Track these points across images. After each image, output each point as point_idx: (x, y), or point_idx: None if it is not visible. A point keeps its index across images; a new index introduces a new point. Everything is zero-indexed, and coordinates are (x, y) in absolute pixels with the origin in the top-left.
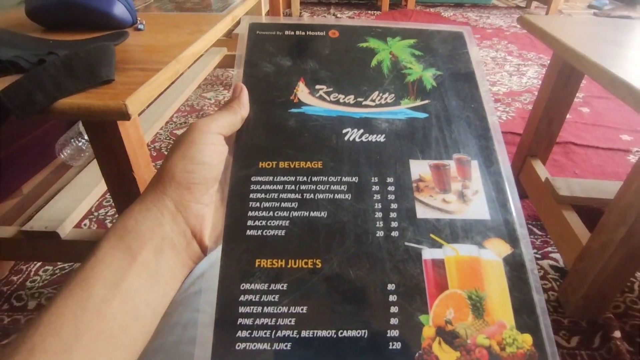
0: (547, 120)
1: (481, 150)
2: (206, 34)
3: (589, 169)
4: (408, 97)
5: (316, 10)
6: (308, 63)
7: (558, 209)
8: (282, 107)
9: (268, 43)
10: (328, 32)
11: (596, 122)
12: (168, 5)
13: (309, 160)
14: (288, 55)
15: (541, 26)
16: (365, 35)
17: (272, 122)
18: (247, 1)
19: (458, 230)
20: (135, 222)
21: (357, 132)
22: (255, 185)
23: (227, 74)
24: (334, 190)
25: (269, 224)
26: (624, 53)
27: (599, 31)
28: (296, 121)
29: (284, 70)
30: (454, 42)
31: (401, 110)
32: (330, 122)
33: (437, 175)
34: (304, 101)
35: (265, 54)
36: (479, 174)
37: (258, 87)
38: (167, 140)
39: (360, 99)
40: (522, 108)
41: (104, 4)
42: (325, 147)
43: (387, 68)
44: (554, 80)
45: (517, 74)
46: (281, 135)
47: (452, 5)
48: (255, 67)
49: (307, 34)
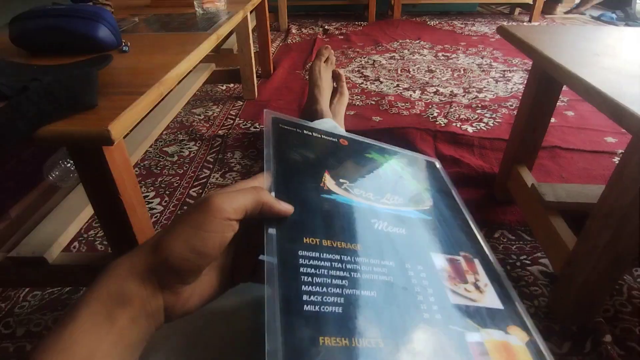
0: (531, 127)
1: (477, 251)
2: (191, 54)
3: (576, 172)
4: (413, 203)
5: (304, 22)
6: (329, 159)
7: (545, 215)
8: (315, 191)
9: (292, 136)
10: (339, 139)
11: (581, 125)
12: (154, 25)
13: (348, 242)
14: (311, 149)
15: (519, 36)
16: (368, 148)
17: (309, 202)
18: (233, 19)
19: (485, 316)
20: (120, 288)
21: (382, 222)
22: (304, 259)
23: (215, 90)
24: (377, 272)
25: (325, 300)
26: (600, 61)
27: (576, 40)
28: (329, 205)
29: (310, 160)
30: (432, 168)
31: (412, 211)
32: (359, 211)
33: (454, 267)
34: (332, 190)
35: (291, 145)
36: (482, 270)
37: (290, 171)
38: (156, 158)
39: (377, 196)
40: (509, 114)
41: (88, 28)
42: (358, 231)
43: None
44: (535, 87)
45: (502, 80)
46: (318, 216)
47: (437, 14)
48: (284, 154)
49: (322, 137)
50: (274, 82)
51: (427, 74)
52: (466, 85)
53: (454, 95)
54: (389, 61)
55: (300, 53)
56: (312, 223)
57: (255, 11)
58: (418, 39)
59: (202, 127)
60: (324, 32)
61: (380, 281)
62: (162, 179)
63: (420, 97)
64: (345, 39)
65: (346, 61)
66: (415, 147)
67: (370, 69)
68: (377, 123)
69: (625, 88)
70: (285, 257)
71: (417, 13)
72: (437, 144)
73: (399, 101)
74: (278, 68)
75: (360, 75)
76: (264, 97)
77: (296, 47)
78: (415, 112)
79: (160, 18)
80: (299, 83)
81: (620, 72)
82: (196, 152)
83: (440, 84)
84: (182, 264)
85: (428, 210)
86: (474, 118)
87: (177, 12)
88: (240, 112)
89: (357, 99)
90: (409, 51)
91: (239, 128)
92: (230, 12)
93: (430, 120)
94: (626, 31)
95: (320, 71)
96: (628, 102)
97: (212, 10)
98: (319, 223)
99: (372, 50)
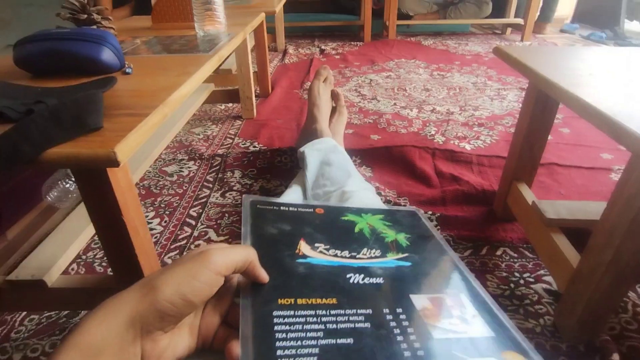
0: (529, 145)
1: (463, 285)
2: (193, 75)
3: (574, 188)
4: (391, 252)
5: (301, 42)
6: (304, 228)
7: (546, 232)
8: (290, 257)
9: (268, 214)
10: (315, 209)
11: (577, 142)
12: (156, 47)
13: (324, 298)
14: (287, 222)
15: (515, 56)
16: (344, 212)
17: (284, 268)
18: (233, 41)
19: (475, 346)
20: (102, 339)
21: (359, 276)
22: (279, 318)
23: (214, 109)
24: (353, 320)
25: (299, 352)
26: (596, 81)
27: (570, 60)
28: (305, 268)
29: (286, 232)
30: (412, 217)
31: (389, 261)
32: (334, 269)
33: (436, 305)
34: (307, 254)
35: (268, 221)
36: (469, 302)
37: (266, 244)
38: (155, 178)
39: (353, 253)
40: (505, 131)
41: (92, 50)
42: (334, 287)
43: (368, 233)
44: (532, 106)
45: (498, 97)
46: (294, 279)
47: (431, 34)
48: (261, 230)
49: (298, 210)
50: (272, 102)
51: (424, 92)
52: (462, 103)
53: (450, 113)
54: (386, 80)
55: (298, 73)
56: (288, 285)
57: (254, 32)
58: (413, 58)
59: (201, 147)
60: (321, 52)
61: (356, 328)
62: (162, 198)
63: (418, 115)
64: (342, 58)
65: (343, 80)
66: (414, 166)
67: (367, 88)
68: (375, 141)
69: (623, 107)
70: (260, 319)
71: (412, 33)
72: (435, 162)
73: (397, 119)
74: (276, 87)
75: (357, 94)
76: (262, 116)
77: (293, 67)
78: (413, 130)
79: (161, 40)
80: (297, 102)
81: (616, 92)
82: (196, 172)
83: (437, 102)
84: (168, 308)
85: (406, 257)
86: (471, 136)
87: (178, 34)
88: (239, 131)
89: (355, 118)
90: (405, 70)
91: (238, 147)
92: (231, 34)
93: (428, 138)
94: (617, 51)
95: (320, 91)
96: (626, 121)
97: (212, 32)
98: (294, 284)
99: (368, 70)
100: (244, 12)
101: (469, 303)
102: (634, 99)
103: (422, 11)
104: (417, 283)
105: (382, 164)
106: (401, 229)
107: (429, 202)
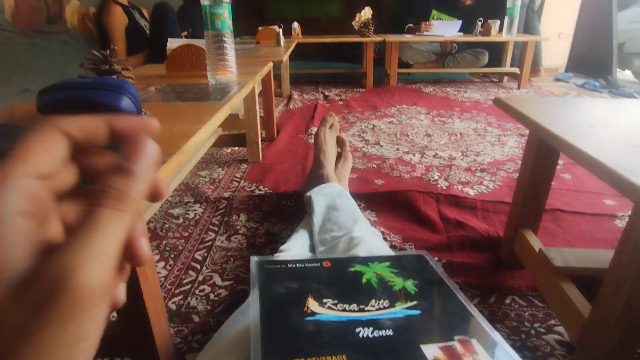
0: (533, 192)
1: (474, 330)
2: (207, 123)
3: (580, 235)
4: (399, 301)
5: (305, 88)
6: (312, 284)
7: (555, 280)
8: (299, 316)
9: (276, 273)
10: (322, 262)
11: (579, 188)
12: (170, 95)
13: (334, 355)
14: (294, 280)
15: (516, 108)
16: (351, 262)
17: (293, 327)
18: (243, 89)
19: None
20: None
21: (368, 330)
22: None
23: (221, 152)
24: None
25: None
26: (596, 132)
27: (570, 111)
28: (313, 326)
29: (294, 290)
30: (419, 261)
31: (398, 311)
32: (343, 325)
33: (448, 354)
34: (316, 311)
35: (275, 281)
36: (482, 348)
37: (275, 304)
38: (162, 220)
39: (362, 306)
40: (508, 177)
41: (112, 98)
42: (344, 343)
43: (375, 283)
44: (534, 154)
45: (498, 143)
46: (303, 338)
47: (431, 82)
48: (269, 290)
49: (305, 265)
50: (277, 146)
51: (425, 137)
52: (464, 148)
53: (452, 159)
54: (388, 125)
55: (302, 118)
56: (297, 344)
57: (262, 79)
58: (414, 104)
59: (207, 189)
60: (325, 98)
61: None
62: (167, 241)
63: (420, 160)
64: (345, 104)
65: (347, 125)
66: (419, 210)
67: (370, 133)
68: (379, 186)
69: (624, 158)
70: None
71: (412, 81)
72: (440, 207)
73: (400, 164)
74: (281, 132)
75: (361, 139)
76: (268, 160)
77: (298, 112)
78: (416, 175)
79: (175, 88)
80: (302, 147)
81: (616, 143)
82: (201, 215)
83: (439, 148)
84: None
85: (415, 305)
86: (474, 181)
87: (191, 82)
88: (245, 174)
89: (359, 163)
90: (407, 116)
91: (244, 190)
92: (241, 83)
93: (431, 184)
94: (614, 103)
95: (326, 137)
96: (628, 173)
97: (224, 81)
98: (303, 343)
99: (371, 115)
100: (253, 61)
101: (481, 349)
102: (633, 150)
103: (421, 60)
104: (428, 332)
105: (387, 209)
106: (409, 275)
107: (434, 247)
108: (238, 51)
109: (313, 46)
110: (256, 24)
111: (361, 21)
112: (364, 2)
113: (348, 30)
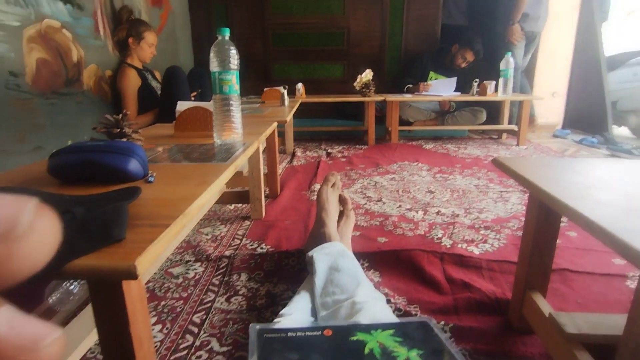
0: (538, 252)
1: None
2: (211, 185)
3: (591, 297)
4: None
5: (308, 145)
6: (313, 355)
7: (567, 347)
8: None
9: (275, 343)
10: (323, 331)
11: (586, 246)
12: (177, 155)
13: None
14: (294, 351)
15: (514, 169)
16: (353, 330)
17: None
18: (248, 150)
19: None
20: None
21: None
22: None
23: (224, 209)
24: None
25: None
26: (595, 194)
27: (568, 173)
28: None
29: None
30: (424, 328)
31: None
32: None
33: None
34: None
35: (275, 351)
36: None
37: None
38: (161, 280)
39: None
40: (512, 234)
41: (121, 161)
42: None
43: (378, 354)
44: (536, 214)
45: (501, 200)
46: None
47: (431, 138)
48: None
49: (306, 334)
50: (280, 203)
51: (428, 194)
52: (466, 205)
53: (455, 216)
54: (390, 182)
55: (306, 175)
56: None
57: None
58: (415, 161)
59: (209, 247)
60: (327, 154)
61: None
62: (165, 302)
63: (423, 218)
64: (348, 161)
65: (349, 182)
66: (423, 271)
67: (372, 190)
68: (382, 244)
69: (624, 223)
70: None
71: (413, 137)
72: (445, 267)
73: (403, 222)
74: (284, 189)
75: (363, 195)
76: (271, 217)
77: (301, 169)
78: (420, 232)
79: (182, 148)
80: (305, 204)
81: (616, 206)
82: (202, 274)
83: (442, 204)
84: None
85: None
86: (478, 239)
87: (198, 142)
88: (247, 231)
89: (361, 220)
90: (408, 172)
91: (246, 248)
92: (246, 143)
93: (435, 242)
94: (612, 163)
95: (328, 195)
96: (629, 238)
97: (229, 141)
98: None
99: (373, 172)
100: (258, 121)
101: None
102: (634, 214)
103: (421, 118)
104: None
105: (391, 269)
106: (413, 344)
107: (440, 311)
108: (244, 111)
109: (316, 104)
110: (262, 84)
111: (362, 82)
112: (365, 65)
113: (350, 90)
